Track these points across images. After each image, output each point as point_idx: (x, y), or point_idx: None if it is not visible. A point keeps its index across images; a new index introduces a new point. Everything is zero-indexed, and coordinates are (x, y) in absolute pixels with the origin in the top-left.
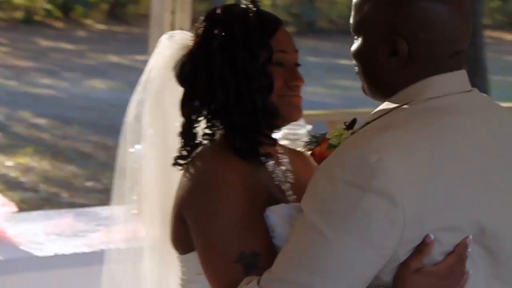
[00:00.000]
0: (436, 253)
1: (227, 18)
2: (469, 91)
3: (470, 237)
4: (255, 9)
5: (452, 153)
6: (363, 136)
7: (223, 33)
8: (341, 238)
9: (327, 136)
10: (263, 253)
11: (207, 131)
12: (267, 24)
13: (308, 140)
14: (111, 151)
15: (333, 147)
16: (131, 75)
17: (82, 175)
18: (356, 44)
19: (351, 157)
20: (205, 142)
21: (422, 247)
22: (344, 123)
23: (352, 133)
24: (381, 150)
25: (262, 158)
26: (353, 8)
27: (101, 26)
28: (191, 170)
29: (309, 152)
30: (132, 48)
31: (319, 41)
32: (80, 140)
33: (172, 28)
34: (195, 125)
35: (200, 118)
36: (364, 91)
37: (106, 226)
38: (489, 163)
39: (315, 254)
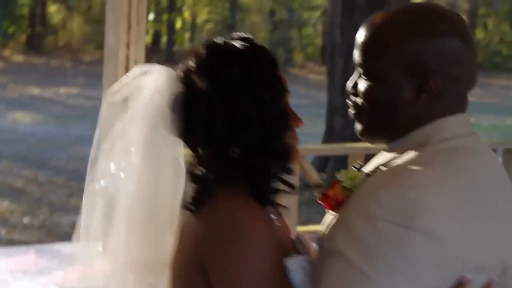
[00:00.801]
0: None
1: (239, 54)
2: (474, 133)
3: (496, 278)
4: (254, 42)
5: (478, 193)
6: (394, 175)
7: (243, 71)
8: (388, 278)
9: (339, 178)
10: None
11: (215, 175)
12: (274, 60)
13: (316, 184)
14: (43, 186)
15: (347, 189)
16: (54, 108)
17: (17, 210)
18: (368, 84)
19: (389, 195)
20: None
21: (457, 286)
22: (353, 166)
23: (367, 175)
24: (419, 188)
25: (278, 205)
26: (362, 46)
27: (19, 58)
28: (212, 217)
29: (320, 195)
30: (53, 80)
31: None
32: (10, 175)
33: (127, 61)
34: (210, 169)
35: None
36: (364, 133)
37: (70, 263)
38: (505, 202)
39: None
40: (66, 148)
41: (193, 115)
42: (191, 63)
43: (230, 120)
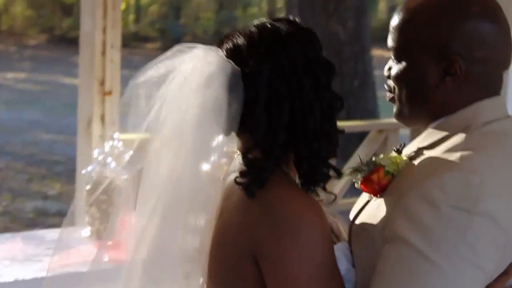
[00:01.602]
0: None
1: (293, 35)
2: (509, 116)
3: None
4: (300, 25)
5: None
6: (453, 159)
7: (302, 52)
8: (455, 265)
9: (381, 162)
10: None
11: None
12: (319, 40)
13: (357, 168)
14: (1, 172)
15: (390, 174)
16: (2, 93)
17: None
18: (398, 67)
19: (451, 180)
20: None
21: (509, 269)
22: (393, 149)
23: (410, 159)
24: (481, 173)
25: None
26: (393, 30)
27: None
28: (266, 208)
29: (360, 180)
30: None
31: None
32: None
33: (104, 46)
34: (267, 153)
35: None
36: (399, 115)
37: (58, 250)
38: None
39: (430, 284)
40: (20, 133)
41: (253, 97)
42: (241, 42)
43: (292, 103)
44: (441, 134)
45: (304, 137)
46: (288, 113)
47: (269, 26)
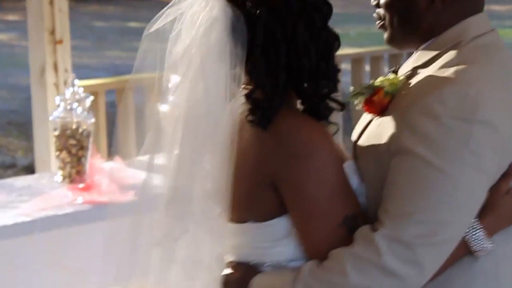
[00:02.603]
0: None
1: None
2: (494, 29)
3: None
4: None
5: None
6: (449, 73)
7: None
8: (460, 170)
9: (380, 85)
10: (359, 213)
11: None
12: None
13: (358, 91)
14: None
15: (389, 94)
16: None
17: None
18: None
19: (450, 92)
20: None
21: (511, 170)
22: (390, 70)
23: (407, 78)
24: (477, 84)
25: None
26: None
27: None
28: (280, 136)
29: (363, 102)
30: None
31: (102, 5)
32: None
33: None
34: (269, 91)
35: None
36: (391, 40)
37: (30, 196)
38: None
39: (440, 190)
40: None
41: (252, 40)
42: None
43: (288, 45)
44: (433, 53)
45: (301, 77)
46: (284, 55)
47: None
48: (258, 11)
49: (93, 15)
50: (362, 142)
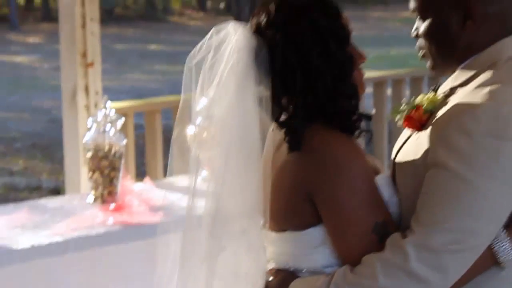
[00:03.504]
0: None
1: (306, 6)
2: None
3: None
4: None
5: None
6: (484, 93)
7: (311, 24)
8: (489, 183)
9: (418, 103)
10: (390, 221)
11: (303, 117)
12: (336, 8)
13: (398, 110)
14: None
15: (428, 111)
16: None
17: None
18: (425, 24)
19: (483, 111)
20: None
21: None
22: (431, 89)
23: (446, 97)
24: (509, 103)
25: (363, 133)
26: None
27: None
28: (314, 152)
29: (403, 119)
30: None
31: (120, 28)
32: None
33: (83, 20)
34: (293, 115)
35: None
36: (434, 67)
37: (62, 216)
38: None
39: (468, 201)
40: None
41: (272, 67)
42: (263, 18)
43: (303, 70)
44: (470, 73)
45: (319, 99)
46: (300, 80)
47: (286, 0)
48: (276, 39)
49: (113, 37)
50: (400, 157)
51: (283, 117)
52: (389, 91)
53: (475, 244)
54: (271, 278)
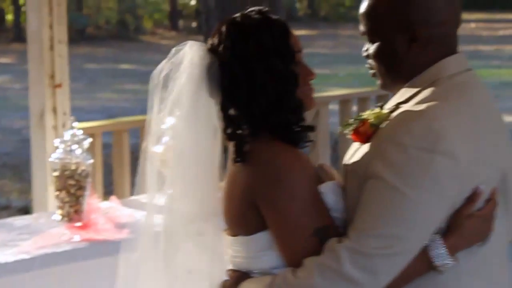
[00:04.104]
0: (480, 201)
1: (254, 28)
2: (470, 69)
3: (496, 186)
4: (268, 15)
5: (481, 118)
6: (418, 109)
7: (256, 42)
8: (420, 193)
9: (367, 117)
10: (331, 225)
11: (249, 130)
12: (285, 28)
13: (347, 123)
14: None
15: (374, 126)
16: None
17: None
18: (374, 47)
19: (417, 126)
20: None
21: (474, 196)
22: (377, 105)
23: (390, 112)
24: (441, 118)
25: (307, 142)
26: (362, 17)
27: None
28: (257, 163)
29: (351, 132)
30: None
31: (92, 47)
32: None
33: (51, 42)
34: (240, 127)
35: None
36: (383, 86)
37: (29, 234)
38: (497, 120)
39: (399, 209)
40: None
41: (222, 82)
42: (216, 38)
43: (249, 86)
44: (414, 90)
45: (262, 113)
46: (246, 94)
47: (237, 20)
48: (226, 57)
49: (85, 57)
50: (349, 167)
51: (230, 130)
52: (355, 108)
53: (404, 249)
54: (227, 278)
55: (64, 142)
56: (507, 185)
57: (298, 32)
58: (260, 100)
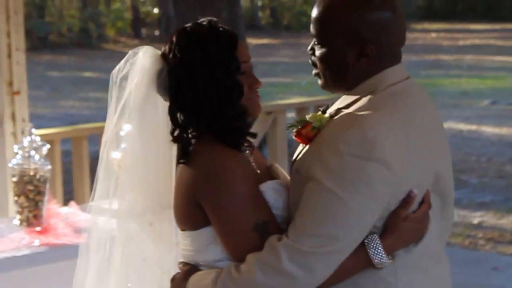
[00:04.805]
0: (415, 204)
1: (201, 38)
2: (409, 77)
3: (429, 189)
4: (217, 26)
5: (415, 125)
6: (356, 117)
7: (202, 52)
8: (354, 197)
9: (309, 120)
10: (270, 221)
11: (194, 133)
12: (232, 39)
13: (292, 124)
14: None
15: (316, 128)
16: None
17: None
18: (322, 51)
19: (353, 134)
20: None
21: (408, 199)
22: (319, 108)
23: (331, 117)
24: (375, 128)
25: (248, 147)
26: (314, 21)
27: None
28: (198, 164)
29: (295, 133)
30: None
31: (55, 55)
32: None
33: (9, 49)
34: (186, 130)
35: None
36: (324, 87)
37: None
38: (433, 126)
39: (335, 211)
40: None
41: (169, 88)
42: (167, 46)
43: (194, 92)
44: (353, 97)
45: (205, 118)
46: (190, 100)
47: (187, 29)
48: (173, 63)
49: (47, 65)
50: (294, 165)
51: (177, 132)
52: None
53: (338, 248)
54: (178, 271)
55: (22, 148)
56: (441, 186)
57: (260, 41)
58: (204, 107)
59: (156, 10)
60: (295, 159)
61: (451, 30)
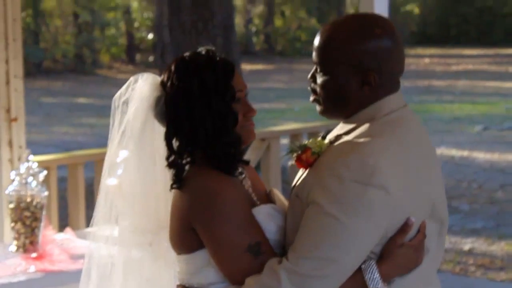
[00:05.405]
0: (412, 232)
1: (199, 67)
2: (405, 105)
3: (425, 221)
4: (214, 56)
5: (414, 153)
6: (356, 144)
7: (199, 81)
8: (354, 221)
9: (309, 145)
10: (263, 242)
11: (188, 159)
12: (228, 69)
13: (292, 149)
14: None
15: (315, 154)
16: None
17: None
18: (324, 78)
19: (354, 160)
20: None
21: (405, 227)
22: (318, 134)
23: (331, 143)
24: (376, 154)
25: (240, 173)
26: (316, 50)
27: None
28: (191, 189)
29: (295, 159)
30: None
31: (49, 81)
32: None
33: (7, 77)
34: (181, 156)
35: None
36: (324, 113)
37: None
38: (428, 154)
39: (335, 235)
40: None
41: (167, 115)
42: (166, 74)
43: (190, 119)
44: (353, 124)
45: (200, 145)
46: (186, 127)
47: (185, 58)
48: (171, 92)
49: (42, 90)
50: (294, 190)
51: (172, 158)
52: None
53: (337, 271)
54: None
55: (19, 175)
56: (438, 211)
57: (254, 67)
58: (199, 133)
59: (150, 36)
60: (295, 183)
61: (444, 56)
